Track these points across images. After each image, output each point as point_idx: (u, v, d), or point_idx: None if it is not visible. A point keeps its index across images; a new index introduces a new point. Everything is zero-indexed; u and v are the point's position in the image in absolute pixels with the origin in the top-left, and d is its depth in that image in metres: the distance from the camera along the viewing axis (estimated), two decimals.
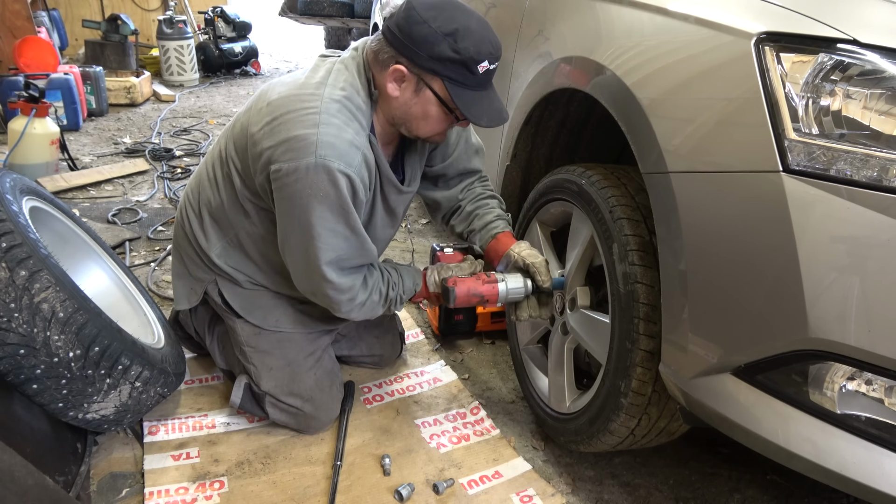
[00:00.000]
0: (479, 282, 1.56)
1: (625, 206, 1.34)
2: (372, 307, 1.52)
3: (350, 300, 1.46)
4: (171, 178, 3.47)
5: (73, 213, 1.79)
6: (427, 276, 1.64)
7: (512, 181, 1.96)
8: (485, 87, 1.36)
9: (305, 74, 1.41)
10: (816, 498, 1.57)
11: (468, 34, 1.28)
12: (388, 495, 1.48)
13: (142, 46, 6.20)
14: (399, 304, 1.58)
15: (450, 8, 1.30)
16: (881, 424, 0.97)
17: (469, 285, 1.56)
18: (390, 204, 1.56)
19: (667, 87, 1.19)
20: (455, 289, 1.54)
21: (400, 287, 1.56)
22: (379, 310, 1.55)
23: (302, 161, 1.28)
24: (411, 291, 1.60)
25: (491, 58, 1.32)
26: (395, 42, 1.32)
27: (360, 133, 1.35)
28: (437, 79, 1.32)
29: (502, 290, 1.57)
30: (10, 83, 3.68)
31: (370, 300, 1.50)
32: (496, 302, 1.58)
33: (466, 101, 1.34)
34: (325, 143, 1.28)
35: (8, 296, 1.24)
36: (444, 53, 1.28)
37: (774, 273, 1.00)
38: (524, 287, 1.58)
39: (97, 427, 1.47)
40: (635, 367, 1.27)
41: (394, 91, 1.35)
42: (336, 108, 1.32)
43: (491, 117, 1.37)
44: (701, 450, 1.70)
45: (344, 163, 1.29)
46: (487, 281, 1.57)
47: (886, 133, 0.92)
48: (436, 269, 1.65)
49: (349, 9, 7.05)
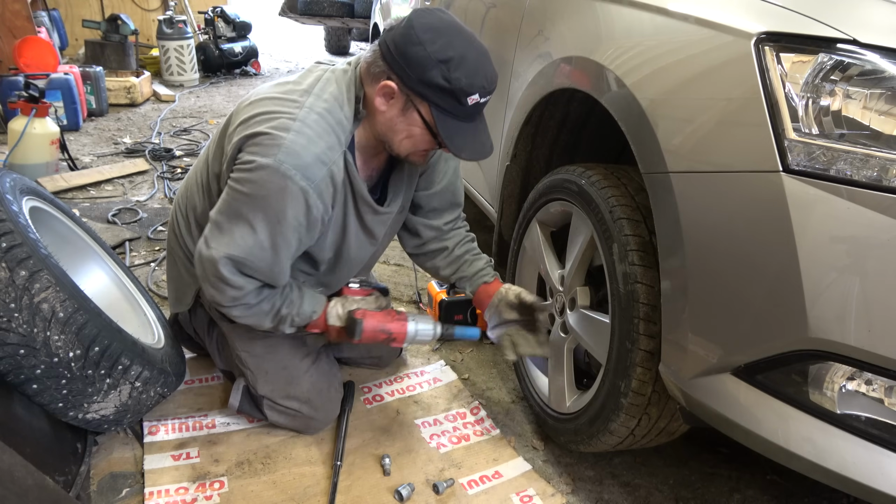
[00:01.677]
0: (389, 318, 1.51)
1: (625, 206, 1.34)
2: (258, 317, 1.43)
3: (234, 299, 1.37)
4: (171, 178, 3.47)
5: (73, 213, 1.79)
6: (329, 308, 1.52)
7: (512, 181, 1.96)
8: (472, 118, 1.33)
9: (294, 80, 1.39)
10: (816, 498, 1.58)
11: (462, 64, 1.25)
12: (388, 495, 1.48)
13: (142, 46, 6.20)
14: (289, 326, 1.47)
15: (450, 33, 1.27)
16: (881, 424, 0.97)
17: (378, 320, 1.50)
18: (366, 223, 1.51)
19: (667, 87, 1.19)
20: (363, 322, 1.47)
21: (295, 307, 1.45)
22: (266, 322, 1.44)
23: (262, 159, 1.25)
24: (307, 317, 1.48)
25: (483, 91, 1.28)
26: (389, 58, 1.28)
27: (335, 148, 1.31)
28: (424, 103, 1.29)
29: (411, 330, 1.52)
30: (10, 83, 3.69)
31: (258, 308, 1.41)
32: (403, 342, 1.53)
33: (451, 130, 1.30)
34: (291, 151, 1.25)
35: (8, 296, 1.24)
36: (434, 80, 1.25)
37: (774, 273, 1.00)
38: (433, 330, 1.54)
39: (97, 427, 1.47)
40: (635, 367, 1.27)
41: (381, 105, 1.33)
42: (314, 119, 1.29)
43: (473, 150, 1.34)
44: (701, 450, 1.70)
45: (302, 175, 1.26)
46: (397, 318, 1.52)
47: (886, 133, 0.92)
48: (340, 301, 1.54)
49: (349, 9, 7.06)
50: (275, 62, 7.54)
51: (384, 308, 1.56)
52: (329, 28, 8.18)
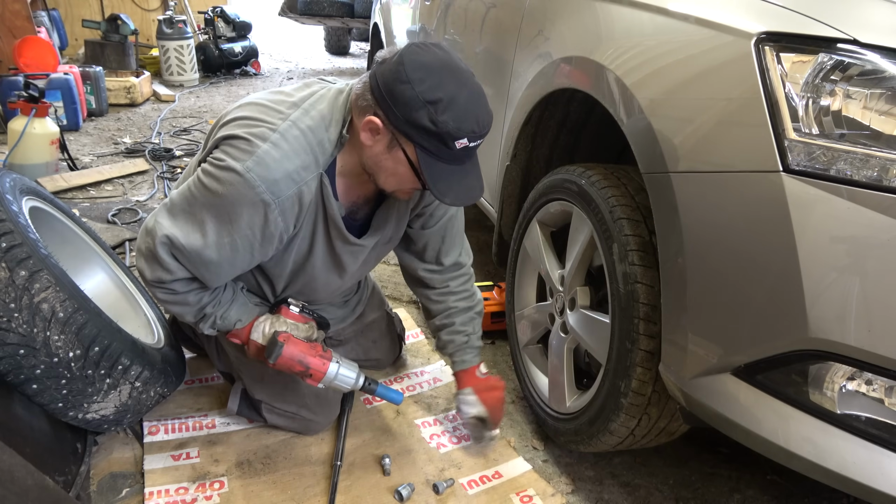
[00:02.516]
0: (312, 351, 1.43)
1: (625, 206, 1.34)
2: (181, 306, 1.38)
3: (160, 280, 1.31)
4: (171, 178, 3.47)
5: (73, 213, 1.79)
6: (256, 322, 1.46)
7: (512, 181, 1.96)
8: (461, 161, 1.26)
9: (289, 91, 1.36)
10: (816, 498, 1.58)
11: (451, 107, 1.18)
12: (388, 495, 1.48)
13: (142, 46, 6.20)
14: (210, 327, 1.43)
15: (442, 73, 1.19)
16: (881, 424, 0.97)
17: (300, 349, 1.42)
18: (336, 250, 1.45)
19: (667, 87, 1.19)
20: (284, 346, 1.39)
21: (222, 310, 1.42)
22: (188, 315, 1.40)
23: (232, 161, 1.22)
24: (231, 324, 1.44)
25: (472, 136, 1.21)
26: (377, 93, 1.22)
27: (309, 168, 1.27)
28: (410, 143, 1.22)
29: (331, 371, 1.44)
30: (10, 83, 3.68)
31: (182, 297, 1.36)
32: (319, 381, 1.46)
33: (436, 173, 1.24)
34: (261, 162, 1.21)
35: (8, 296, 1.24)
36: (420, 121, 1.18)
37: (774, 273, 1.00)
38: (354, 381, 1.48)
39: (97, 427, 1.47)
40: (635, 367, 1.27)
41: (367, 140, 1.26)
42: (294, 135, 1.24)
43: (458, 195, 1.28)
44: (701, 450, 1.70)
45: (267, 188, 1.21)
46: (321, 355, 1.44)
47: (886, 133, 0.92)
48: (270, 319, 1.48)
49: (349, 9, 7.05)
50: (275, 62, 7.53)
51: (313, 341, 1.50)
52: (329, 28, 8.18)
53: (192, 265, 1.30)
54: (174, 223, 1.28)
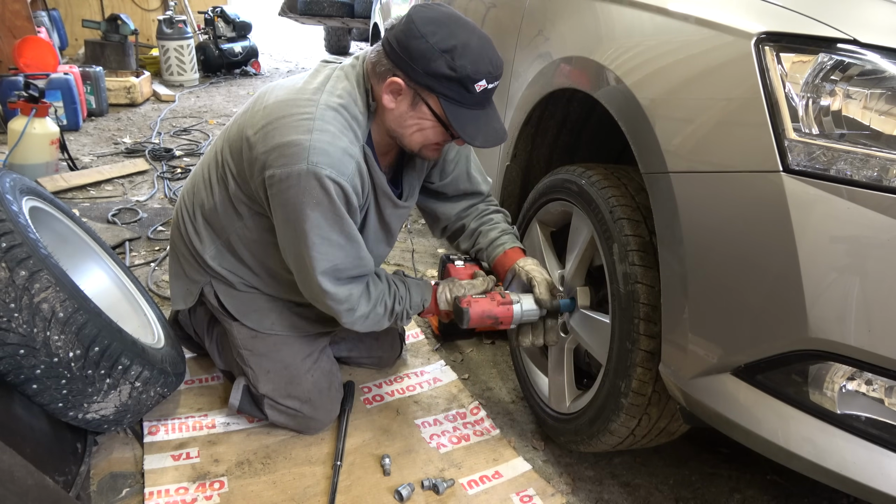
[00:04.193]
0: (494, 303, 1.49)
1: (625, 206, 1.34)
2: (376, 320, 1.48)
3: (350, 310, 1.43)
4: (171, 178, 3.47)
5: (73, 213, 1.79)
6: (437, 293, 1.57)
7: (512, 181, 1.96)
8: (483, 105, 1.33)
9: (304, 79, 1.40)
10: (816, 498, 1.58)
11: (466, 52, 1.25)
12: (388, 495, 1.48)
13: (142, 46, 6.20)
14: (406, 319, 1.54)
15: (450, 24, 1.27)
16: (881, 424, 0.97)
17: (483, 307, 1.49)
18: (385, 218, 1.53)
19: (667, 87, 1.19)
20: (469, 310, 1.47)
21: (407, 302, 1.52)
22: (385, 322, 1.51)
23: (294, 167, 1.26)
24: (419, 307, 1.54)
25: (489, 77, 1.28)
26: (393, 55, 1.29)
27: (355, 143, 1.33)
28: (432, 95, 1.29)
29: (517, 312, 1.50)
30: (10, 83, 3.68)
31: (374, 313, 1.47)
32: (510, 324, 1.52)
33: (462, 119, 1.30)
34: (318, 150, 1.26)
35: (8, 296, 1.24)
36: (440, 70, 1.25)
37: (774, 273, 1.00)
38: (538, 309, 1.51)
39: (97, 427, 1.47)
40: (635, 368, 1.27)
41: (390, 103, 1.33)
42: (331, 116, 1.30)
43: (486, 137, 1.34)
44: (701, 450, 1.70)
45: (336, 171, 1.27)
46: (502, 302, 1.50)
47: (886, 133, 0.92)
48: (447, 285, 1.57)
49: (349, 9, 7.05)
50: (275, 62, 7.53)
51: (489, 290, 1.56)
52: (329, 28, 8.18)
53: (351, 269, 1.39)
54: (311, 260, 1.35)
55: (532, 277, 1.53)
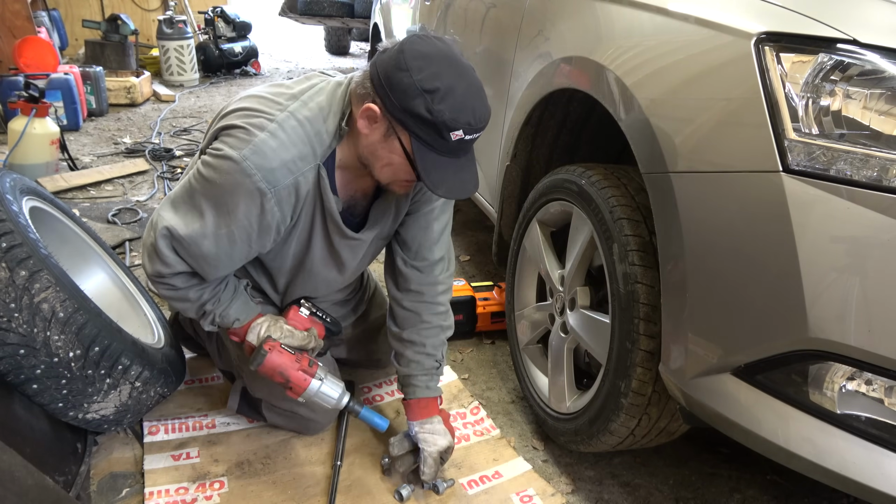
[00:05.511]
0: (296, 364, 1.40)
1: (625, 206, 1.34)
2: (182, 302, 1.39)
3: (160, 274, 1.32)
4: (171, 178, 3.47)
5: (73, 213, 1.79)
6: (253, 325, 1.45)
7: (512, 181, 1.96)
8: (456, 154, 1.24)
9: (289, 83, 1.37)
10: (816, 498, 1.58)
11: (448, 97, 1.16)
12: (388, 495, 1.48)
13: (142, 46, 6.20)
14: (210, 324, 1.43)
15: (440, 63, 1.19)
16: (881, 424, 0.97)
17: (283, 361, 1.39)
18: (333, 245, 1.44)
19: (667, 87, 1.19)
20: (267, 356, 1.37)
21: (221, 308, 1.41)
22: (189, 311, 1.42)
23: (229, 150, 1.22)
24: (230, 322, 1.43)
25: (468, 129, 1.19)
26: (376, 80, 1.22)
27: (307, 159, 1.26)
28: (405, 132, 1.21)
29: (312, 388, 1.41)
30: (10, 83, 3.68)
31: (183, 293, 1.36)
32: (299, 395, 1.42)
33: (429, 164, 1.22)
34: (258, 150, 1.21)
35: (8, 296, 1.24)
36: (416, 109, 1.17)
37: (774, 273, 1.00)
38: (336, 399, 1.43)
39: (97, 427, 1.47)
40: (635, 367, 1.27)
41: (364, 128, 1.26)
42: (292, 126, 1.25)
43: (451, 188, 1.26)
44: (701, 450, 1.70)
45: (263, 177, 1.21)
46: (303, 369, 1.40)
47: (886, 133, 0.92)
48: (268, 322, 1.46)
49: (349, 9, 7.05)
50: (275, 62, 7.53)
51: (306, 350, 1.47)
52: (329, 28, 8.18)
53: (192, 258, 1.30)
54: (175, 214, 1.28)
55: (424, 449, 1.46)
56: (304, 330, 1.49)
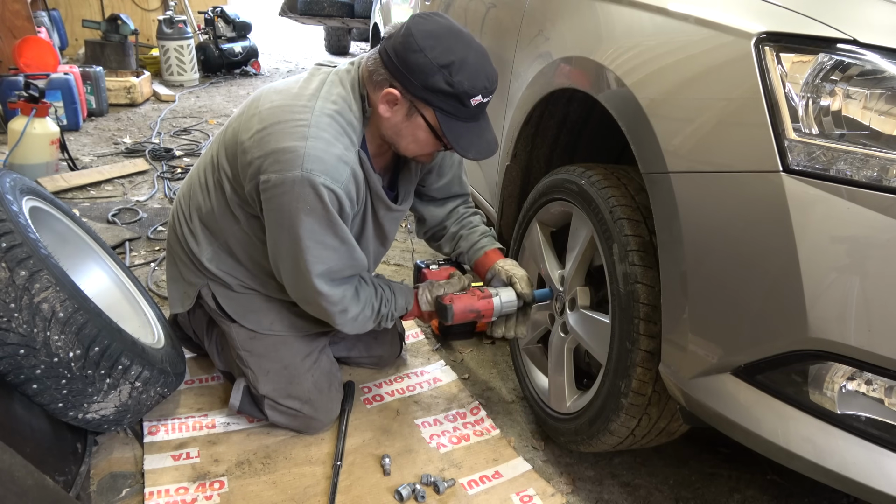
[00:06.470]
0: (475, 298, 1.58)
1: (625, 206, 1.34)
2: (364, 321, 1.53)
3: (342, 312, 1.46)
4: (171, 178, 3.47)
5: (73, 213, 1.79)
6: (419, 296, 1.64)
7: (512, 181, 1.96)
8: (476, 118, 1.36)
9: (299, 84, 1.40)
10: (816, 498, 1.58)
11: (464, 67, 1.28)
12: (388, 495, 1.48)
13: (142, 46, 6.20)
14: (389, 321, 1.59)
15: (449, 38, 1.30)
16: (881, 424, 0.97)
17: (465, 302, 1.56)
18: (380, 221, 1.57)
19: (667, 87, 1.19)
20: (452, 306, 1.55)
21: (392, 304, 1.57)
22: (370, 325, 1.56)
23: (288, 174, 1.28)
24: (403, 310, 1.60)
25: (485, 92, 1.32)
26: (391, 66, 1.31)
27: (350, 148, 1.35)
28: (429, 108, 1.32)
29: (497, 304, 1.58)
30: (10, 83, 3.69)
31: (362, 314, 1.51)
32: (492, 316, 1.60)
33: (456, 132, 1.34)
34: (313, 157, 1.28)
35: (8, 296, 1.24)
36: (437, 85, 1.28)
37: (774, 273, 1.00)
38: (517, 300, 1.60)
39: (97, 427, 1.47)
40: (635, 367, 1.27)
41: (385, 112, 1.36)
42: (326, 123, 1.32)
43: (479, 149, 1.38)
44: (701, 450, 1.70)
45: (330, 178, 1.30)
46: (482, 296, 1.58)
47: (886, 133, 0.92)
48: (427, 287, 1.65)
49: (349, 9, 7.06)
50: (275, 62, 7.53)
51: (467, 288, 1.62)
52: (329, 28, 8.18)
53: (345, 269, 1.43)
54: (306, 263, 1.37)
55: (511, 275, 1.61)
56: (450, 276, 1.69)
